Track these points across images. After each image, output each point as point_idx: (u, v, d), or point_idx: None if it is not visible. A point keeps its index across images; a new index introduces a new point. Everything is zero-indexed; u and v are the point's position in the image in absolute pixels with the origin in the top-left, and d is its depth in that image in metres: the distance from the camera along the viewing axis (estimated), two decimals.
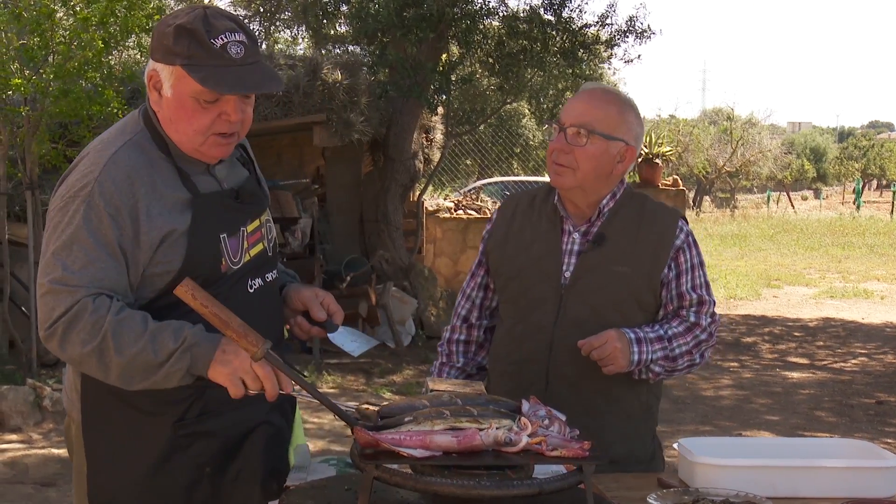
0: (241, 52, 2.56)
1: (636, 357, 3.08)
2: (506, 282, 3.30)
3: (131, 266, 2.55)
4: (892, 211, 38.43)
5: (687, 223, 3.29)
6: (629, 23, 12.76)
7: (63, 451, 7.57)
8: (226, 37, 2.55)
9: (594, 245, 3.18)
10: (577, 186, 3.16)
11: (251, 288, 2.72)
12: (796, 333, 13.60)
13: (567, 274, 3.18)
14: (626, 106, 3.20)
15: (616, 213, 3.22)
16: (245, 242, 2.70)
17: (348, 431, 2.40)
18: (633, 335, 3.09)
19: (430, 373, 3.51)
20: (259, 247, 2.76)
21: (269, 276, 2.79)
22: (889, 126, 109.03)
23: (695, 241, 3.27)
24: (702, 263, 3.26)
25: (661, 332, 3.15)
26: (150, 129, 2.65)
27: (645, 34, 12.86)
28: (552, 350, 3.16)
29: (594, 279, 3.16)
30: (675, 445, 2.95)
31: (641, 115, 3.30)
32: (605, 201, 3.22)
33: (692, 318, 3.19)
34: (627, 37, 12.83)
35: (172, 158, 2.64)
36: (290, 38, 16.63)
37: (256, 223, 2.76)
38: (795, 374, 11.08)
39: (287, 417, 2.87)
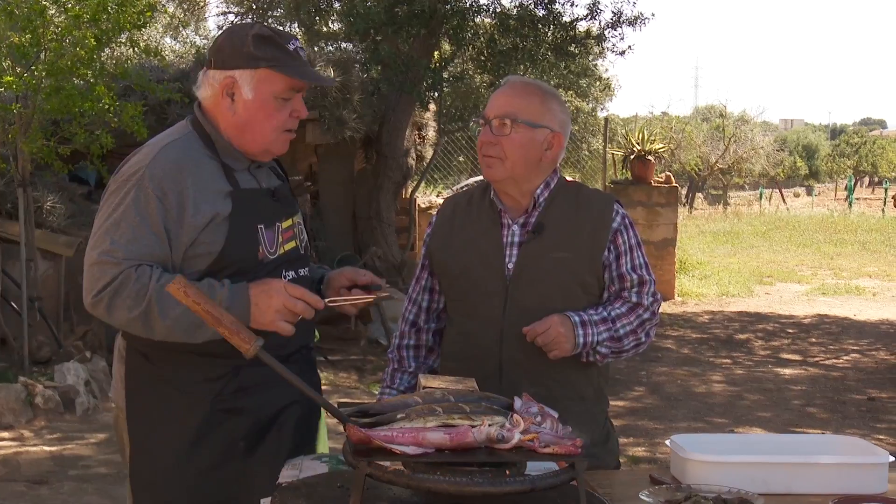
0: (305, 55, 2.96)
1: (581, 340, 3.15)
2: (451, 281, 3.36)
3: (174, 245, 2.80)
4: (883, 208, 38.50)
5: (622, 206, 3.36)
6: (617, 15, 12.76)
7: (55, 448, 7.57)
8: (294, 43, 2.92)
9: (533, 235, 3.25)
10: (508, 177, 3.24)
11: (285, 278, 2.94)
12: (789, 330, 13.62)
13: (510, 266, 3.25)
14: (548, 95, 3.29)
15: (552, 201, 3.29)
16: (280, 237, 2.97)
17: (340, 429, 2.41)
18: (577, 318, 3.16)
19: (381, 380, 3.56)
20: (292, 243, 3.02)
21: (301, 272, 3.04)
22: (881, 123, 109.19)
23: (631, 223, 3.34)
24: (639, 244, 3.33)
25: (605, 313, 3.21)
26: (199, 131, 2.95)
27: (638, 20, 12.86)
28: (503, 341, 3.22)
29: (537, 268, 3.23)
30: (667, 442, 2.95)
31: (567, 105, 3.41)
32: (539, 191, 3.29)
33: (634, 299, 3.25)
34: (618, 27, 12.83)
35: (218, 156, 2.91)
36: None
37: (290, 222, 3.03)
38: (788, 371, 11.09)
39: (314, 408, 3.05)
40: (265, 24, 3.03)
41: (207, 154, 2.91)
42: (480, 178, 3.47)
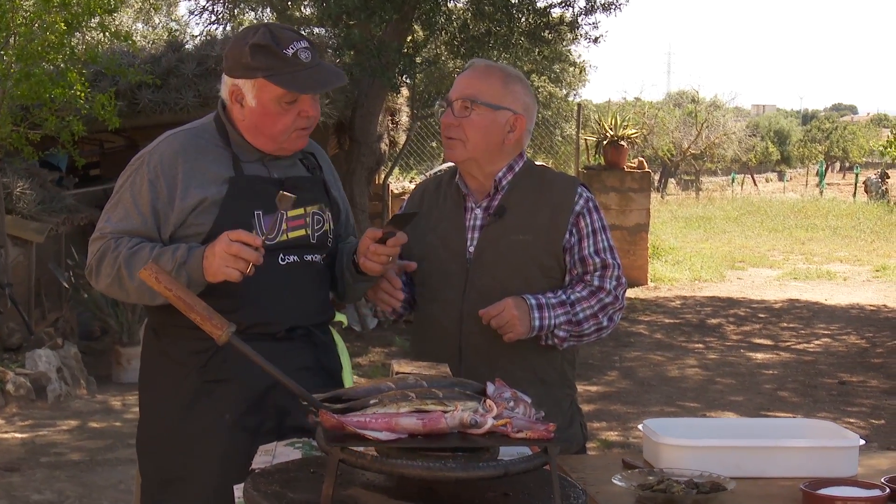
0: (308, 56, 3.01)
1: (537, 323, 3.16)
2: (416, 262, 3.36)
3: (163, 224, 2.99)
4: (854, 193, 38.71)
5: (588, 190, 3.36)
6: (590, 2, 12.76)
7: (26, 436, 7.54)
8: (294, 46, 2.99)
9: (495, 218, 3.27)
10: (469, 158, 3.26)
11: (283, 261, 3.07)
12: (760, 315, 13.69)
13: (471, 248, 3.28)
14: (510, 77, 3.31)
15: (515, 185, 3.31)
16: (284, 224, 3.06)
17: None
18: (533, 301, 3.17)
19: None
20: (301, 231, 3.10)
21: (309, 258, 3.13)
22: (852, 109, 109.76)
23: (597, 206, 3.34)
24: (604, 228, 3.32)
25: (564, 297, 3.22)
26: (219, 125, 3.11)
27: (612, 7, 12.86)
28: (462, 323, 3.25)
29: (496, 250, 3.26)
30: (639, 426, 2.96)
31: (531, 88, 3.42)
32: (501, 174, 3.31)
33: (596, 283, 3.26)
34: (591, 14, 12.83)
35: (230, 147, 3.07)
36: (254, 21, 16.54)
37: (300, 211, 3.10)
38: (759, 356, 11.15)
39: (318, 375, 3.11)
40: (272, 25, 3.08)
41: (219, 144, 3.08)
42: (448, 165, 3.48)
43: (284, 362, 2.85)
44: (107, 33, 9.69)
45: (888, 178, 39.61)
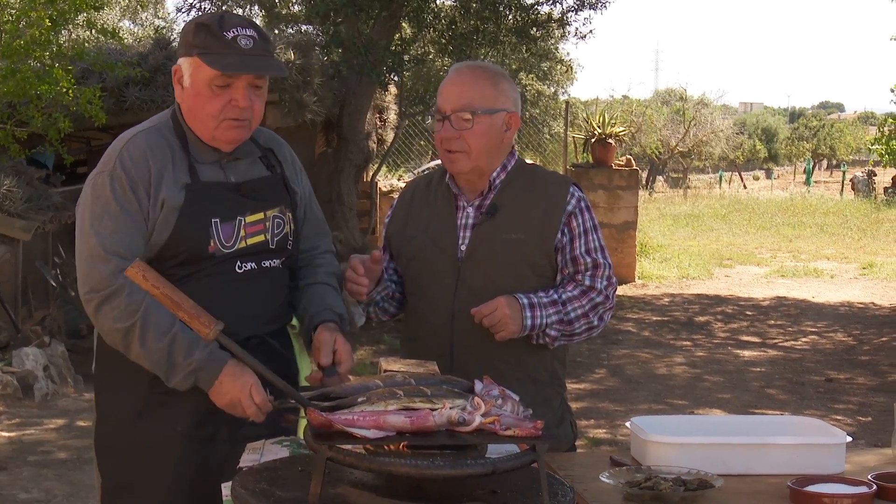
0: (249, 44, 2.89)
1: (529, 322, 3.15)
2: (407, 262, 3.37)
3: (149, 223, 2.87)
4: (842, 191, 38.81)
5: (580, 189, 3.35)
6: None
7: (13, 434, 7.51)
8: (236, 31, 2.89)
9: (487, 216, 3.26)
10: (473, 168, 3.25)
11: (240, 268, 2.97)
12: (748, 312, 13.72)
13: (463, 247, 3.27)
14: (497, 76, 3.30)
15: (508, 183, 3.30)
16: (241, 231, 2.96)
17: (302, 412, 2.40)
18: (525, 300, 3.16)
19: None
20: (259, 237, 3.00)
21: (267, 263, 3.03)
22: (839, 107, 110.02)
23: (588, 206, 3.33)
24: (595, 228, 3.31)
25: (556, 296, 3.22)
26: (175, 122, 3.00)
27: (599, 4, 12.86)
28: (454, 321, 3.24)
29: (488, 249, 3.24)
30: (627, 424, 2.97)
31: (515, 82, 3.42)
32: (495, 174, 3.30)
33: (587, 282, 3.25)
34: (580, 12, 12.83)
35: (187, 148, 2.95)
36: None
37: (260, 216, 3.00)
38: (747, 353, 11.17)
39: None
40: (222, 13, 3.02)
41: (177, 144, 2.96)
42: (437, 162, 3.46)
43: None
44: (93, 30, 9.66)
45: (875, 175, 39.73)
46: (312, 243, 3.22)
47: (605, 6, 12.87)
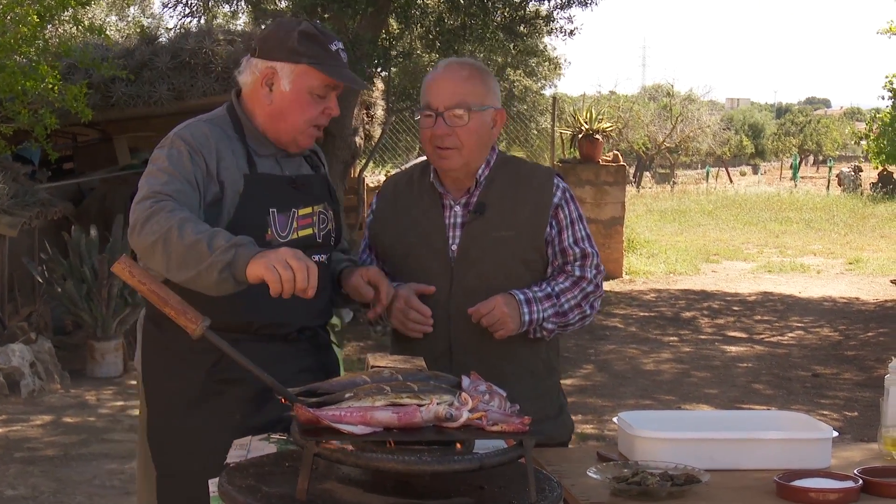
0: (345, 57, 3.11)
1: (527, 318, 3.17)
2: (396, 263, 3.36)
3: (202, 195, 2.94)
4: (828, 186, 38.91)
5: (563, 180, 3.37)
6: None
7: (3, 430, 7.49)
8: (336, 44, 3.09)
9: (475, 215, 3.27)
10: (464, 164, 3.25)
11: None
12: (735, 308, 13.75)
13: (454, 247, 3.27)
14: (484, 73, 3.32)
15: (492, 180, 3.30)
16: (295, 223, 3.09)
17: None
18: (522, 296, 3.18)
19: None
20: (308, 230, 3.13)
21: (316, 258, 3.07)
22: (826, 102, 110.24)
23: (572, 196, 3.36)
24: (581, 217, 3.34)
25: (549, 289, 3.23)
26: (233, 117, 3.12)
27: (589, 1, 12.86)
28: (450, 322, 3.24)
29: (480, 248, 3.25)
30: (614, 419, 2.97)
31: (503, 78, 3.44)
32: (480, 170, 3.30)
33: (577, 272, 3.27)
34: (567, 8, 12.83)
35: (244, 140, 3.08)
36: (228, 13, 16.48)
37: (309, 210, 3.14)
38: (734, 348, 11.20)
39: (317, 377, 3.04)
40: (313, 22, 3.18)
41: (235, 136, 3.08)
42: (424, 158, 3.44)
43: (290, 363, 3.06)
44: (80, 26, 9.63)
45: (861, 171, 39.84)
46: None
47: (594, 4, 12.86)
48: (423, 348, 3.23)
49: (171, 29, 14.83)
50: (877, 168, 21.88)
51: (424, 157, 3.41)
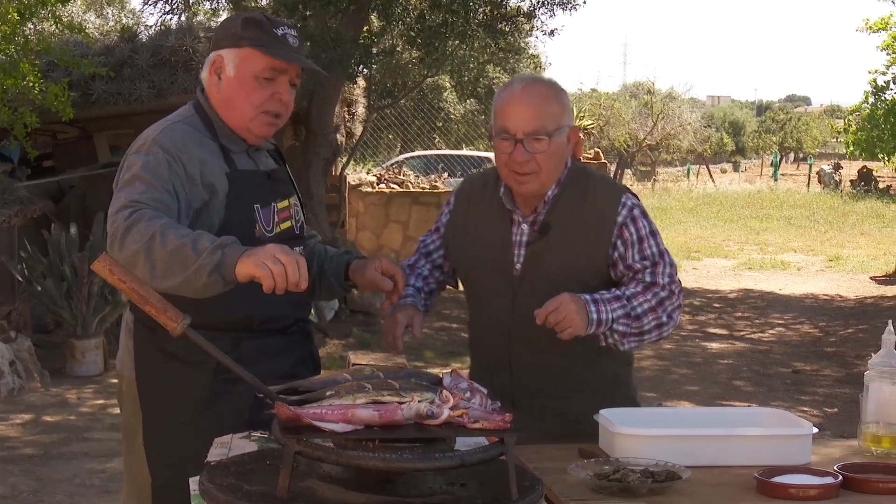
0: (295, 42, 3.08)
1: (594, 317, 3.03)
2: (463, 272, 3.39)
3: (182, 206, 2.89)
4: (808, 184, 39.06)
5: (633, 196, 3.27)
6: None
7: None
8: (284, 29, 3.07)
9: (540, 235, 3.19)
10: (542, 186, 3.17)
11: None
12: (716, 305, 13.79)
13: (518, 265, 3.22)
14: (559, 91, 3.20)
15: (560, 198, 3.22)
16: (276, 216, 3.12)
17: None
18: (588, 296, 3.06)
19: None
20: (287, 223, 3.16)
21: (296, 249, 3.10)
22: (806, 100, 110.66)
23: (642, 212, 3.24)
24: (653, 234, 3.22)
25: (619, 292, 3.12)
26: (201, 114, 3.09)
27: (570, 4, 12.87)
28: (511, 340, 3.22)
29: (541, 269, 3.19)
30: (595, 416, 2.97)
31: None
32: (551, 190, 3.22)
33: (648, 278, 3.16)
34: (549, 7, 12.84)
35: (218, 139, 3.06)
36: (209, 10, 16.43)
37: (286, 203, 3.18)
38: (715, 345, 11.24)
39: (312, 372, 3.14)
40: (262, 13, 3.17)
41: (208, 135, 3.06)
42: (406, 156, 3.44)
43: (288, 355, 3.13)
44: (59, 24, 9.59)
45: (841, 168, 40.00)
46: None
47: (574, 7, 12.86)
48: (486, 361, 3.30)
49: (151, 26, 14.80)
50: (850, 157, 21.98)
51: (416, 153, 3.39)
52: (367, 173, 17.99)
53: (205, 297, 2.70)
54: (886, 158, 18.08)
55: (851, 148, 18.77)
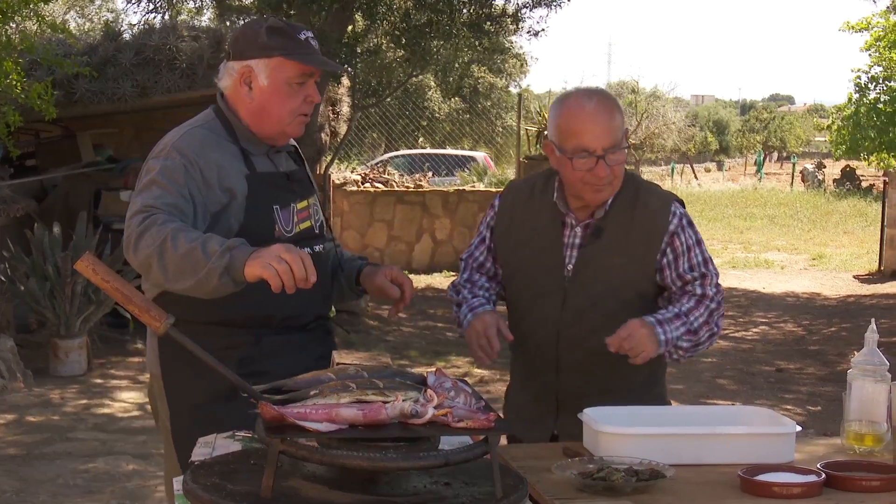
0: (315, 44, 3.17)
1: (662, 337, 3.15)
2: (511, 274, 3.44)
3: (199, 211, 2.98)
4: (792, 183, 39.16)
5: (682, 205, 3.37)
6: None
7: None
8: (305, 33, 3.16)
9: (593, 238, 3.29)
10: (612, 193, 3.28)
11: None
12: None
13: (569, 267, 3.31)
14: (616, 100, 3.33)
15: (613, 203, 3.31)
16: (295, 217, 3.19)
17: None
18: (652, 319, 3.17)
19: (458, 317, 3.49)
20: (307, 223, 3.24)
21: (318, 248, 3.25)
22: (789, 99, 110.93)
23: (689, 222, 3.36)
24: (699, 242, 3.34)
25: (677, 310, 3.23)
26: (221, 118, 3.17)
27: (554, 2, 12.88)
28: (559, 340, 3.30)
29: (593, 270, 3.28)
30: (579, 415, 2.98)
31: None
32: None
33: (699, 291, 3.28)
34: (535, 8, 12.85)
35: (238, 141, 3.14)
36: (193, 9, 16.39)
37: (305, 203, 3.25)
38: None
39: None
40: (276, 19, 3.26)
41: (228, 139, 3.14)
42: (391, 155, 3.49)
43: (309, 352, 3.20)
44: (41, 23, 9.55)
45: (824, 167, 40.12)
46: None
47: (559, 5, 12.87)
48: (533, 362, 3.37)
49: (134, 25, 14.76)
50: (837, 159, 22.02)
51: (401, 153, 3.41)
52: (352, 172, 17.99)
53: (240, 295, 2.82)
54: (867, 157, 18.16)
55: (835, 147, 18.87)
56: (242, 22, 13.87)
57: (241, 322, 3.09)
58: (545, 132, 15.32)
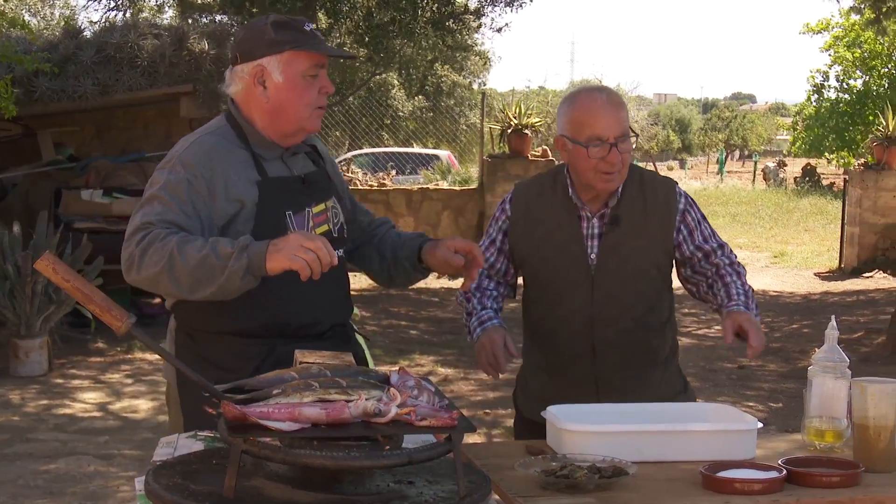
0: (320, 35, 3.14)
1: (758, 318, 3.38)
2: (534, 271, 3.59)
3: (205, 224, 2.93)
4: (753, 181, 39.42)
5: (679, 186, 3.64)
6: None
7: None
8: (308, 24, 3.11)
9: (612, 227, 3.48)
10: (621, 181, 3.46)
11: None
12: None
13: (593, 256, 3.49)
14: (621, 97, 3.56)
15: (623, 192, 3.50)
16: (311, 221, 3.10)
17: None
18: (742, 307, 3.37)
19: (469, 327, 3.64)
20: (324, 227, 3.14)
21: (336, 252, 3.06)
22: (751, 98, 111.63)
23: (693, 201, 3.61)
24: (704, 217, 3.61)
25: (742, 288, 3.46)
26: (233, 124, 3.10)
27: (515, 3, 12.91)
28: (593, 326, 3.48)
29: (617, 256, 3.48)
30: (542, 413, 2.98)
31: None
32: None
33: (726, 260, 3.54)
34: (496, 5, 12.87)
35: (250, 147, 3.06)
36: (155, 7, 16.30)
37: (322, 206, 3.15)
38: None
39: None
40: (276, 15, 3.19)
41: (240, 145, 3.07)
42: (354, 153, 3.50)
43: None
44: (2, 20, 9.47)
45: (786, 165, 40.42)
46: (369, 218, 3.46)
47: (521, 5, 12.90)
48: (567, 350, 3.52)
49: (95, 22, 14.65)
50: (796, 155, 22.26)
51: (364, 151, 3.43)
52: None
53: (254, 303, 2.89)
54: (828, 155, 18.33)
55: (797, 146, 19.03)
56: (204, 20, 13.82)
57: (256, 332, 3.03)
58: (509, 130, 15.40)
